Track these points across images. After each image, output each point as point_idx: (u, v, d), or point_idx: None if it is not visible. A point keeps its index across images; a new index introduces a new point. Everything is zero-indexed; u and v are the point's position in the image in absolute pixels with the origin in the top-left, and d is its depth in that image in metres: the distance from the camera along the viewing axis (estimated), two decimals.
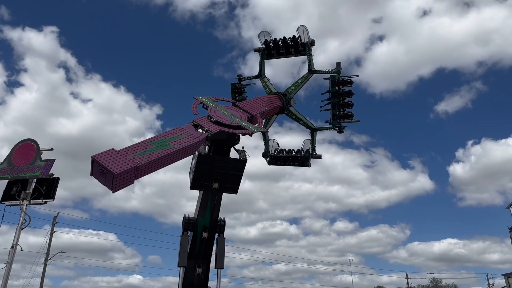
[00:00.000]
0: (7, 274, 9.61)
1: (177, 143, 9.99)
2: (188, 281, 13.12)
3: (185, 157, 10.41)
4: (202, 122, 11.53)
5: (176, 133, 10.41)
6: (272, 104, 15.65)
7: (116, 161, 8.36)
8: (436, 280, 67.78)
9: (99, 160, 8.10)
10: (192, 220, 13.29)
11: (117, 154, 8.58)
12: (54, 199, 10.57)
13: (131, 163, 8.44)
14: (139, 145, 9.34)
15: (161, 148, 9.55)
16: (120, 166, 8.24)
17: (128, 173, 8.41)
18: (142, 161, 8.79)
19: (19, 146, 11.17)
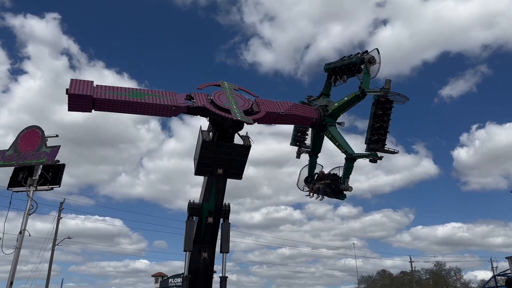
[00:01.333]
0: (15, 259, 9.76)
1: (151, 99, 10.70)
2: (194, 265, 13.31)
3: (154, 115, 11.25)
4: (195, 96, 11.55)
5: (162, 93, 11.07)
6: (297, 111, 13.21)
7: (81, 87, 10.02)
8: (440, 264, 68.39)
9: (71, 82, 9.98)
10: (197, 206, 13.39)
11: (89, 84, 10.23)
12: (60, 185, 10.63)
13: (89, 92, 9.96)
14: (118, 88, 10.71)
15: (132, 96, 10.54)
16: (78, 90, 9.91)
17: (83, 99, 9.98)
18: (101, 96, 10.17)
19: (25, 133, 11.20)
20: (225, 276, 13.22)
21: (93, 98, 10.00)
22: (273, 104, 12.80)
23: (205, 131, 12.26)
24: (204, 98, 11.54)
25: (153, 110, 10.89)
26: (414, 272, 65.32)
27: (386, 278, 69.71)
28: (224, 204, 13.48)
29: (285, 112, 12.64)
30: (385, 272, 71.69)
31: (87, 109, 10.25)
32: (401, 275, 68.96)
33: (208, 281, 13.87)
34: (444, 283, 66.31)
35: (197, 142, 12.78)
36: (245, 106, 11.89)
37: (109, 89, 10.44)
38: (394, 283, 67.63)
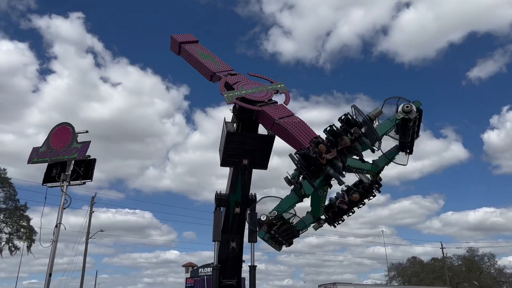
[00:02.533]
0: (53, 251, 10.18)
1: (208, 63, 13.50)
2: (223, 254, 13.51)
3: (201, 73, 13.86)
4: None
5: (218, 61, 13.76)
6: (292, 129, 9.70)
7: (182, 37, 14.86)
8: (472, 250, 66.77)
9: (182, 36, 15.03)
10: (224, 196, 13.54)
11: (188, 38, 14.99)
12: (92, 180, 10.98)
13: (180, 40, 14.65)
14: (203, 49, 14.51)
15: (202, 56, 13.94)
16: (178, 37, 14.76)
17: (174, 43, 14.78)
18: (185, 47, 14.37)
19: (56, 130, 11.59)
20: (254, 265, 13.38)
21: (180, 44, 14.40)
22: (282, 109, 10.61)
23: (229, 122, 12.32)
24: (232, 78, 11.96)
25: (201, 70, 13.64)
26: (445, 259, 64.07)
27: (416, 265, 68.65)
28: (250, 194, 13.56)
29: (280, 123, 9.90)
30: (416, 259, 70.64)
31: (176, 52, 14.86)
32: (432, 262, 67.73)
33: (237, 270, 14.07)
34: (478, 269, 64.76)
35: (221, 134, 12.88)
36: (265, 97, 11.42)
37: (197, 47, 14.40)
38: (425, 270, 66.54)
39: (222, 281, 13.32)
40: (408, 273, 67.97)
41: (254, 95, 11.24)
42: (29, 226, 37.96)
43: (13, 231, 37.96)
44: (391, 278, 68.11)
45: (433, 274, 64.61)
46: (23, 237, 37.69)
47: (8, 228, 37.96)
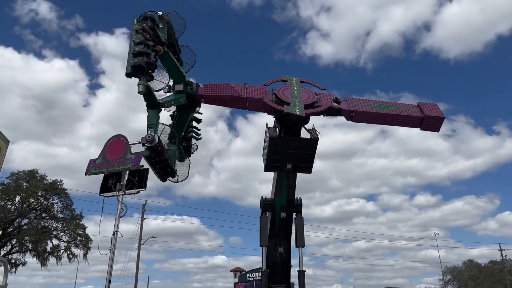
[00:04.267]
0: (111, 259, 10.70)
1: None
2: (271, 259, 13.58)
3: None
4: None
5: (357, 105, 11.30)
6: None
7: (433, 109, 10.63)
8: None
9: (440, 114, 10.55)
10: (269, 201, 13.63)
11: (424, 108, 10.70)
12: (145, 188, 11.46)
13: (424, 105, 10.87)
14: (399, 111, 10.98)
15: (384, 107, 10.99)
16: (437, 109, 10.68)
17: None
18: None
19: (111, 142, 12.24)
20: (303, 270, 13.31)
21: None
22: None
23: (271, 127, 12.40)
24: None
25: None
26: (505, 261, 60.38)
27: (473, 269, 65.23)
28: (295, 198, 13.56)
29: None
30: (472, 262, 67.08)
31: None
32: (491, 265, 64.10)
33: (286, 275, 14.09)
34: None
35: (264, 139, 12.99)
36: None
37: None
38: (483, 273, 63.06)
39: (272, 286, 13.39)
40: (465, 277, 64.69)
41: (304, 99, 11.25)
42: (85, 234, 39.83)
43: (70, 239, 39.98)
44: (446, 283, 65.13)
45: (492, 278, 61.09)
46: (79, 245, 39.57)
47: (66, 236, 40.06)
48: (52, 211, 39.61)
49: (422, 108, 10.49)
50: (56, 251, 38.79)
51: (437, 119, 10.40)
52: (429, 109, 10.47)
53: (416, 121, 10.65)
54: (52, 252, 38.69)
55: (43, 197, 39.35)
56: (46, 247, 38.75)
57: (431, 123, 10.49)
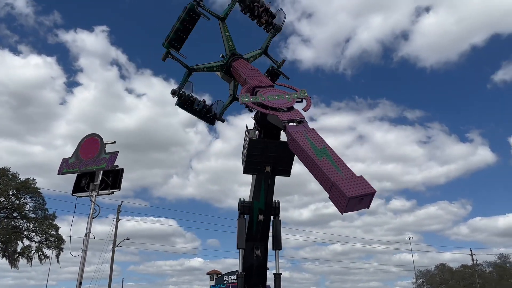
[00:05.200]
0: (83, 260, 10.40)
1: (320, 142, 9.67)
2: (248, 262, 13.50)
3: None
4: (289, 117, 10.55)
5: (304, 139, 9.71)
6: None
7: (359, 184, 8.15)
8: (503, 256, 64.46)
9: (357, 193, 7.91)
10: (247, 204, 13.57)
11: (346, 181, 8.26)
12: (120, 189, 11.21)
13: (359, 177, 8.36)
14: (326, 167, 8.87)
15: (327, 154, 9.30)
16: (366, 184, 8.18)
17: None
18: (349, 169, 8.73)
19: (85, 141, 11.92)
20: (279, 273, 13.28)
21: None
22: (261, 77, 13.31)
23: (251, 130, 12.38)
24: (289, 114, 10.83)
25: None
26: (476, 266, 62.02)
27: (445, 272, 66.72)
28: (273, 201, 13.54)
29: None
30: (444, 266, 68.64)
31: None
32: (462, 269, 65.70)
33: (262, 277, 14.03)
34: (510, 276, 62.34)
35: (244, 141, 12.94)
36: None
37: (332, 170, 8.77)
38: (455, 277, 64.58)
39: None
40: (437, 280, 66.11)
41: (274, 101, 11.31)
42: (57, 235, 38.79)
43: (42, 240, 38.87)
44: (419, 286, 66.37)
45: (463, 282, 62.62)
46: (52, 245, 38.53)
47: (38, 236, 38.91)
48: (23, 211, 38.40)
49: (341, 189, 8.10)
50: (27, 252, 37.66)
51: (340, 202, 8.23)
52: (339, 195, 8.18)
53: (326, 188, 8.79)
54: (22, 253, 37.54)
55: (15, 196, 38.12)
56: (17, 247, 37.59)
57: (336, 201, 8.39)
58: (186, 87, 16.46)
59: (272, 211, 13.63)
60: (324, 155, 9.15)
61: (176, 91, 15.78)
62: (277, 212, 13.75)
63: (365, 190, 7.94)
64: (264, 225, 13.64)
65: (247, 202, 13.66)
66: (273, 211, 13.65)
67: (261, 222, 13.47)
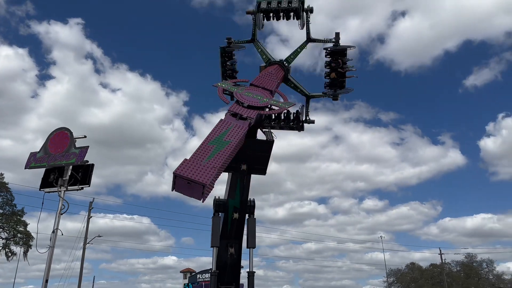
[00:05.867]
0: (50, 257, 10.09)
1: (231, 137, 9.52)
2: (222, 260, 13.41)
3: (238, 150, 9.91)
4: (238, 110, 10.80)
5: (223, 127, 9.86)
6: (279, 74, 15.67)
7: (200, 171, 7.93)
8: (471, 255, 66.67)
9: (185, 175, 7.77)
10: (222, 202, 13.47)
11: (195, 164, 8.13)
12: (90, 185, 10.91)
13: (213, 171, 8.04)
14: (204, 150, 8.78)
15: (222, 146, 9.06)
16: (207, 176, 7.87)
17: (215, 180, 8.16)
18: (218, 164, 8.39)
19: (54, 134, 11.53)
20: (252, 271, 13.27)
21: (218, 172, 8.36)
22: (266, 80, 13.88)
23: None
24: (243, 108, 11.09)
25: (238, 147, 9.82)
26: (444, 265, 63.91)
27: (415, 271, 68.45)
28: (249, 199, 13.51)
29: (278, 80, 14.80)
30: (414, 265, 70.44)
31: (212, 186, 8.21)
32: (431, 268, 67.57)
33: (235, 276, 13.97)
34: (476, 275, 64.61)
35: None
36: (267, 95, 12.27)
37: (203, 155, 8.60)
38: (424, 275, 66.34)
39: (220, 287, 13.22)
40: (407, 279, 67.76)
41: (245, 97, 11.49)
42: (26, 232, 37.72)
43: (9, 236, 37.72)
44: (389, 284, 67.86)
45: (432, 280, 64.42)
46: (20, 242, 37.46)
47: (5, 233, 37.74)
48: None
49: (180, 165, 8.12)
50: None
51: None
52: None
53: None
54: None
55: None
56: None
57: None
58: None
59: (247, 209, 13.59)
60: (217, 144, 9.00)
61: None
62: (252, 210, 13.71)
63: (195, 177, 7.71)
64: (239, 224, 13.58)
65: (222, 200, 13.57)
66: (248, 210, 13.61)
67: (236, 220, 13.41)
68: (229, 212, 13.36)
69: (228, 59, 18.52)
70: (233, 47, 18.55)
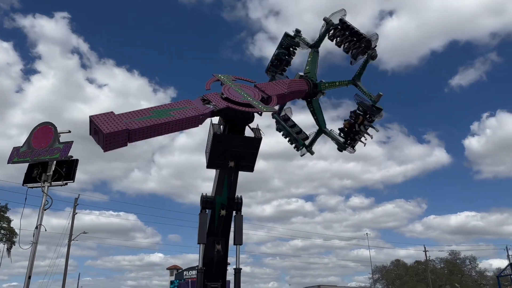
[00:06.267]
0: (33, 253, 9.93)
1: (178, 114, 9.84)
2: (208, 257, 13.38)
3: (184, 129, 10.43)
4: (211, 97, 10.96)
5: (181, 104, 10.22)
6: (295, 87, 14.38)
7: (110, 123, 8.56)
8: (454, 253, 67.85)
9: (94, 120, 8.42)
10: (209, 199, 13.43)
11: (114, 117, 8.78)
12: (74, 181, 10.74)
13: (122, 126, 8.60)
14: (139, 112, 9.32)
15: (160, 116, 9.46)
16: (111, 127, 8.45)
17: (119, 135, 8.62)
18: (134, 126, 8.87)
19: (38, 129, 11.29)
20: (239, 268, 13.28)
21: (129, 130, 8.80)
22: (273, 86, 13.18)
23: (216, 124, 12.23)
24: (218, 98, 11.14)
25: (183, 125, 10.14)
26: (428, 262, 64.90)
27: (400, 268, 69.38)
28: (236, 196, 13.49)
29: (288, 91, 13.40)
30: (399, 261, 71.36)
31: (123, 144, 9.07)
32: (416, 265, 68.56)
33: (222, 272, 13.96)
34: (459, 271, 65.77)
35: (208, 135, 12.78)
36: (258, 96, 11.88)
37: (134, 115, 9.22)
38: (409, 272, 67.30)
39: (207, 284, 13.18)
40: (392, 275, 68.62)
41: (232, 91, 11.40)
42: (9, 228, 37.12)
43: None
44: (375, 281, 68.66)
45: (417, 277, 65.41)
46: (3, 239, 36.85)
47: None
48: None
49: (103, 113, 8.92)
50: None
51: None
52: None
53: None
54: None
55: None
56: None
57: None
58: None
59: (235, 206, 13.57)
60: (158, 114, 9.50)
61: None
62: (239, 207, 13.70)
63: (101, 125, 8.33)
64: (226, 220, 13.55)
65: (209, 197, 13.52)
66: (235, 207, 13.60)
67: (223, 217, 13.38)
68: (216, 209, 13.32)
69: (285, 50, 17.66)
70: (298, 42, 17.42)
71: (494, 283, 54.80)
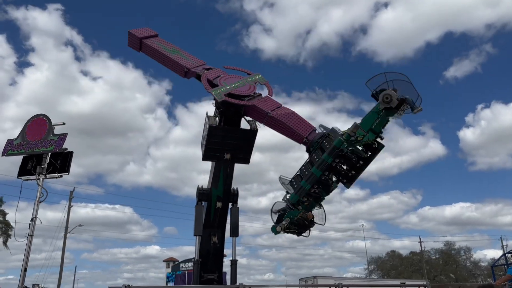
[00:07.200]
0: (28, 246, 9.92)
1: (175, 57, 13.11)
2: (205, 249, 13.42)
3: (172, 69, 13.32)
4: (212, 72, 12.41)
5: (188, 56, 13.35)
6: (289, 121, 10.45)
7: (141, 32, 13.99)
8: (449, 243, 68.47)
9: (132, 32, 14.05)
10: (205, 191, 13.44)
11: (146, 31, 14.15)
12: (69, 173, 10.69)
13: (140, 35, 13.86)
14: (166, 42, 13.91)
15: (167, 50, 13.37)
16: (137, 32, 13.98)
17: (135, 39, 13.95)
18: (147, 43, 13.63)
19: (32, 121, 11.24)
20: (235, 260, 13.36)
21: (141, 40, 13.65)
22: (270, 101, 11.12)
23: (212, 116, 12.21)
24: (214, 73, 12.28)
25: (172, 66, 13.09)
26: (423, 252, 65.53)
27: (395, 259, 70.01)
28: (232, 189, 13.51)
29: (274, 115, 10.37)
30: (395, 252, 72.04)
31: (136, 49, 14.04)
32: (411, 256, 69.20)
33: (218, 264, 14.02)
34: (454, 262, 66.47)
35: (204, 128, 12.77)
36: (250, 91, 11.76)
37: (159, 41, 13.73)
38: (404, 263, 67.93)
39: (203, 275, 13.24)
40: (387, 266, 69.24)
41: (239, 89, 11.40)
42: (5, 221, 37.01)
43: None
44: (370, 272, 69.26)
45: (412, 268, 66.03)
46: None
47: None
48: None
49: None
50: None
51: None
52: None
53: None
54: None
55: None
56: None
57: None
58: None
59: (231, 198, 13.60)
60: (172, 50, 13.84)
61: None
62: (235, 199, 13.74)
63: (135, 31, 14.34)
64: (222, 212, 13.59)
65: (205, 189, 13.53)
66: (231, 199, 13.62)
67: (219, 209, 13.40)
68: (212, 201, 13.34)
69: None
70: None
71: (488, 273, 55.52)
